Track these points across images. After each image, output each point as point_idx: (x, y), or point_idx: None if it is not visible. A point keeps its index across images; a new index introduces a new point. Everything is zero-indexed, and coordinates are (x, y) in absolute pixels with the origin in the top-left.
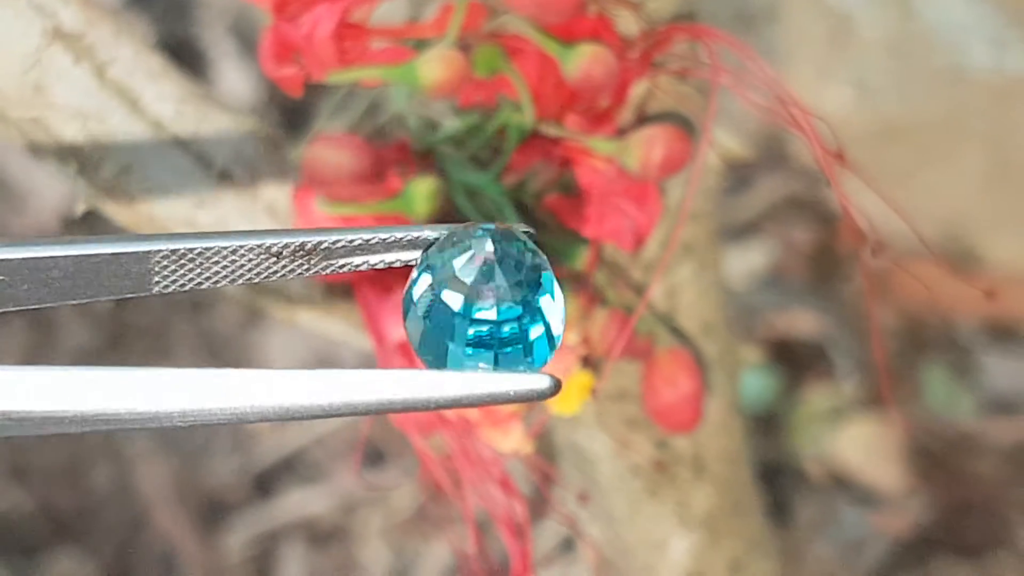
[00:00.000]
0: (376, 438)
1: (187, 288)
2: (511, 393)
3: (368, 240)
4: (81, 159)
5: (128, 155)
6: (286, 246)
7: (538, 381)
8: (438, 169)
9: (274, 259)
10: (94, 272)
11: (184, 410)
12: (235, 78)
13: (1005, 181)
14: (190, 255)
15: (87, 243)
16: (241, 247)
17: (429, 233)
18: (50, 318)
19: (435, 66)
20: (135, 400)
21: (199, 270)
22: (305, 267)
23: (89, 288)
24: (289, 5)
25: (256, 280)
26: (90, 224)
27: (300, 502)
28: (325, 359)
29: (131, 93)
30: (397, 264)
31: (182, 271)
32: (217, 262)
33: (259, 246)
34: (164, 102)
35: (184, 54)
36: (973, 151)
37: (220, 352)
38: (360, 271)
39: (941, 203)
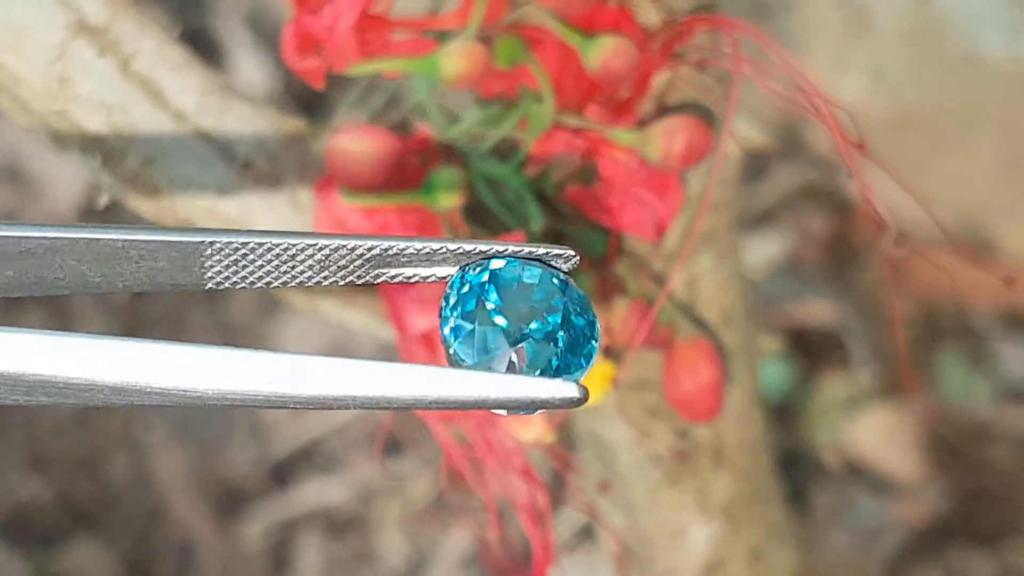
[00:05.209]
0: (394, 427)
1: (240, 286)
2: (538, 400)
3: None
4: (105, 151)
5: (151, 147)
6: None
7: (567, 389)
8: (460, 160)
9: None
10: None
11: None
12: (252, 69)
13: (1021, 169)
14: (244, 250)
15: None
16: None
17: (483, 247)
18: (67, 308)
19: (457, 58)
20: (149, 375)
21: (252, 267)
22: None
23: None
24: None
25: (310, 284)
26: (112, 216)
27: (318, 492)
28: (342, 350)
29: (154, 85)
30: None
31: (235, 267)
32: (271, 261)
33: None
34: (187, 94)
35: (200, 45)
36: (989, 139)
37: (236, 342)
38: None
39: (957, 191)
